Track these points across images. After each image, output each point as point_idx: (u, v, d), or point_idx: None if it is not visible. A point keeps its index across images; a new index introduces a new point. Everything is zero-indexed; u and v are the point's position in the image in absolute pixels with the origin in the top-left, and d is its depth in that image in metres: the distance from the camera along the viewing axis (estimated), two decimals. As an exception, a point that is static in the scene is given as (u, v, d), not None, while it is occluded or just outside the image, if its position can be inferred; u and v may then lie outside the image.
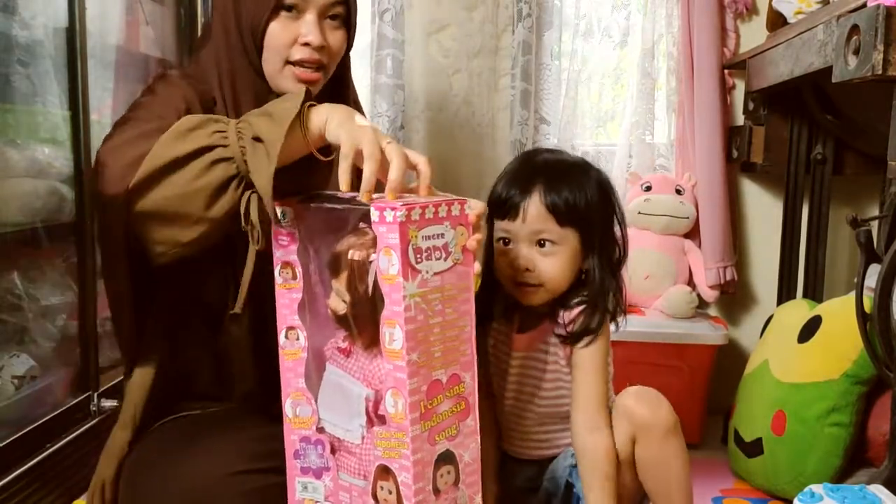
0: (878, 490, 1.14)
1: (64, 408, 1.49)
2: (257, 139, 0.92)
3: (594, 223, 1.13)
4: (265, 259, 0.97)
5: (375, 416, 0.90)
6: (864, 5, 1.21)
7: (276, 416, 1.14)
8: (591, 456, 1.11)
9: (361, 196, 0.86)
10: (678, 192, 2.03)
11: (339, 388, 0.95)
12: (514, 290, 1.15)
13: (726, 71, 2.06)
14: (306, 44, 1.11)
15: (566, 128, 2.09)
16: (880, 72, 1.12)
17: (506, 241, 1.14)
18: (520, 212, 1.12)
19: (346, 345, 0.95)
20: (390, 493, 0.88)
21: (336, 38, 1.16)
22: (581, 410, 1.12)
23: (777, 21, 1.91)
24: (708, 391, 1.93)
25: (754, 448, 1.64)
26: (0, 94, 1.37)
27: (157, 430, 1.14)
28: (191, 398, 1.17)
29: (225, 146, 0.92)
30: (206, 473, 1.03)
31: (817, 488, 1.14)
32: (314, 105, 0.96)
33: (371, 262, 0.87)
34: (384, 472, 0.88)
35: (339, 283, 0.92)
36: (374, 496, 0.90)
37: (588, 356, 1.12)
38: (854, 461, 1.53)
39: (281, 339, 0.97)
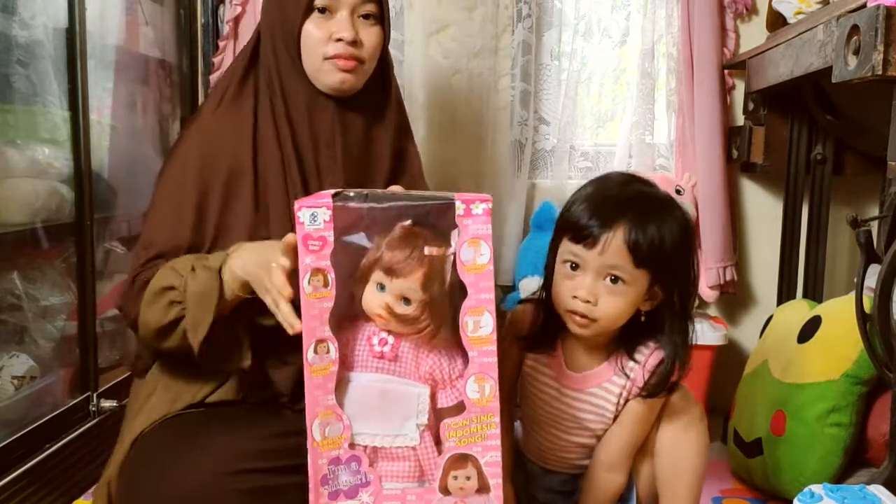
0: (878, 490, 1.14)
1: (64, 408, 1.49)
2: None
3: (670, 268, 1.07)
4: None
5: (434, 411, 0.93)
6: (864, 5, 1.21)
7: (279, 410, 1.15)
8: (601, 493, 1.13)
9: (287, 327, 0.95)
10: (678, 192, 2.02)
11: (384, 395, 0.93)
12: (564, 316, 1.10)
13: (726, 71, 2.05)
14: (339, 39, 1.16)
15: (566, 128, 2.09)
16: (880, 72, 1.12)
17: (574, 266, 1.07)
18: (599, 242, 1.04)
19: (391, 348, 0.94)
20: (468, 478, 0.90)
21: (370, 34, 1.20)
22: (607, 452, 1.12)
23: (777, 21, 1.91)
24: (707, 391, 1.93)
25: (754, 448, 1.64)
26: (0, 94, 1.37)
27: (156, 428, 1.14)
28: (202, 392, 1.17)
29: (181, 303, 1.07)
30: (203, 472, 1.03)
31: (817, 488, 1.14)
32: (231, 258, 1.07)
33: (448, 255, 0.90)
34: (459, 460, 0.90)
35: (410, 282, 0.91)
36: (445, 490, 0.91)
37: (641, 409, 1.11)
38: (854, 461, 1.53)
39: (309, 354, 0.90)
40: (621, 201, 1.08)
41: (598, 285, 1.06)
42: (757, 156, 2.00)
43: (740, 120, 2.06)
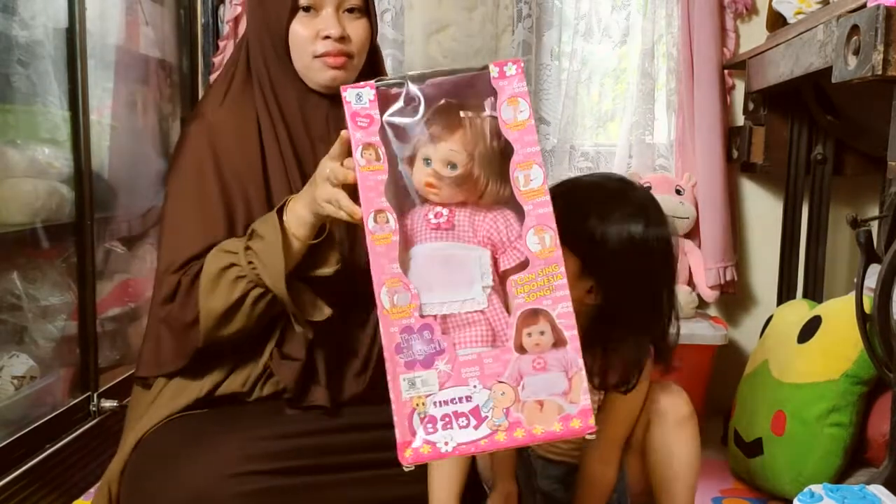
0: (878, 490, 1.14)
1: (64, 408, 1.49)
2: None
3: (606, 267, 1.06)
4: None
5: (498, 274, 0.93)
6: (864, 5, 1.21)
7: (282, 410, 1.14)
8: (593, 485, 1.12)
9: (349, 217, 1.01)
10: (678, 192, 2.03)
11: (446, 261, 0.94)
12: None
13: (726, 71, 2.05)
14: (327, 37, 1.17)
15: (566, 128, 2.09)
16: (880, 72, 1.12)
17: None
18: None
19: (447, 217, 0.95)
20: (542, 333, 0.89)
21: (357, 28, 1.20)
22: (594, 443, 1.11)
23: (777, 21, 1.91)
24: (708, 391, 1.93)
25: (754, 448, 1.64)
26: (0, 94, 1.37)
27: (159, 430, 1.14)
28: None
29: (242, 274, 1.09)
30: (206, 474, 1.03)
31: (817, 488, 1.14)
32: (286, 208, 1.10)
33: (485, 116, 0.93)
34: (531, 316, 0.90)
35: (451, 144, 0.93)
36: (520, 348, 0.90)
37: (614, 401, 1.10)
38: (854, 461, 1.53)
39: (370, 223, 0.91)
40: (584, 182, 1.12)
41: None
42: (757, 156, 2.00)
43: (740, 120, 2.06)
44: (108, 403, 1.58)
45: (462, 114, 0.94)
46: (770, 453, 1.58)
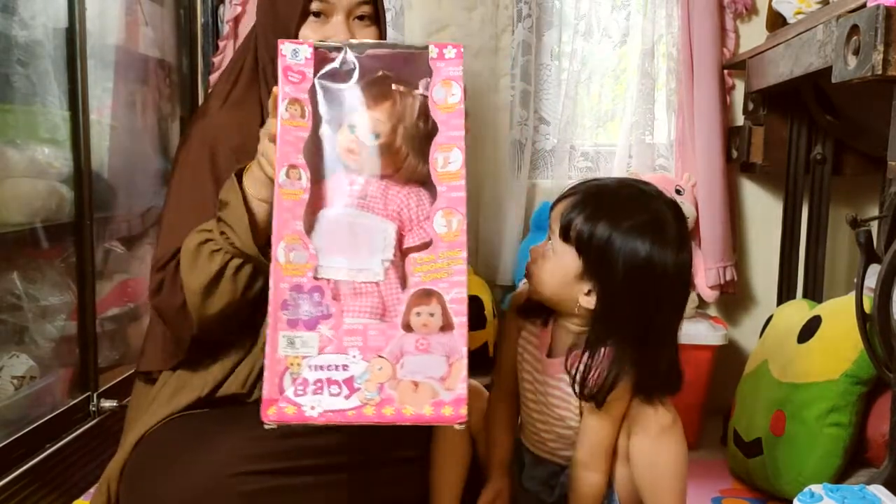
0: (878, 490, 1.14)
1: (64, 408, 1.49)
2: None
3: (611, 274, 1.05)
4: None
5: (400, 250, 0.93)
6: (864, 5, 1.21)
7: None
8: (579, 492, 1.11)
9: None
10: (678, 192, 2.02)
11: (351, 228, 0.94)
12: None
13: (726, 71, 2.05)
14: None
15: (566, 128, 2.09)
16: (880, 72, 1.12)
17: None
18: (556, 205, 1.11)
19: (361, 185, 0.95)
20: (431, 315, 0.90)
21: (366, 36, 1.21)
22: (581, 447, 1.11)
23: (777, 21, 1.91)
24: (707, 391, 1.92)
25: (753, 448, 1.64)
26: (0, 94, 1.37)
27: (159, 429, 1.14)
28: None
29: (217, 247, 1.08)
30: (206, 474, 1.03)
31: (817, 488, 1.14)
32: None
33: (416, 93, 0.95)
34: (424, 296, 0.90)
35: (377, 113, 0.95)
36: (407, 327, 0.90)
37: (595, 408, 1.09)
38: (854, 461, 1.53)
39: (280, 177, 0.92)
40: (600, 183, 1.11)
41: (543, 246, 1.12)
42: (757, 156, 2.00)
43: (740, 120, 2.06)
44: (107, 403, 1.58)
45: (394, 87, 0.95)
46: (770, 453, 1.58)
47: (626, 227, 1.04)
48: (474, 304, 1.90)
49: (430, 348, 0.90)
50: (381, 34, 1.23)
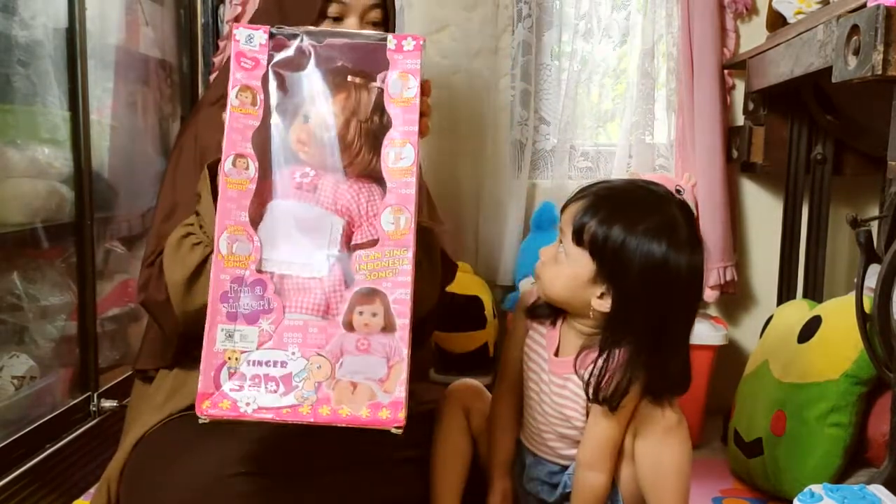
0: (878, 490, 1.14)
1: (64, 408, 1.49)
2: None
3: (626, 277, 1.04)
4: None
5: (348, 247, 0.91)
6: (864, 5, 1.21)
7: None
8: (583, 493, 1.11)
9: None
10: (678, 192, 2.02)
11: (298, 222, 0.92)
12: None
13: (726, 71, 2.05)
14: None
15: (566, 128, 2.09)
16: (880, 72, 1.12)
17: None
18: (566, 208, 1.10)
19: (311, 178, 0.93)
20: (374, 315, 0.88)
21: None
22: (588, 448, 1.11)
23: (777, 21, 1.91)
24: (708, 391, 1.92)
25: (754, 448, 1.64)
26: (0, 94, 1.37)
27: (158, 430, 1.15)
28: None
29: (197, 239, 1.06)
30: (207, 474, 1.03)
31: (817, 488, 1.14)
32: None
33: (372, 86, 0.92)
34: (367, 296, 0.88)
35: (330, 105, 0.92)
36: (349, 325, 0.88)
37: (603, 409, 1.09)
38: (854, 461, 1.53)
39: (227, 165, 0.90)
40: (620, 189, 1.10)
41: (554, 249, 1.11)
42: (757, 156, 2.00)
43: (740, 120, 2.06)
44: (108, 403, 1.58)
45: (350, 78, 0.93)
46: (770, 453, 1.58)
47: (642, 230, 1.04)
48: (474, 303, 1.90)
49: (370, 349, 0.88)
50: None
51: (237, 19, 1.99)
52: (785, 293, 2.02)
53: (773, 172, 2.03)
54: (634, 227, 1.04)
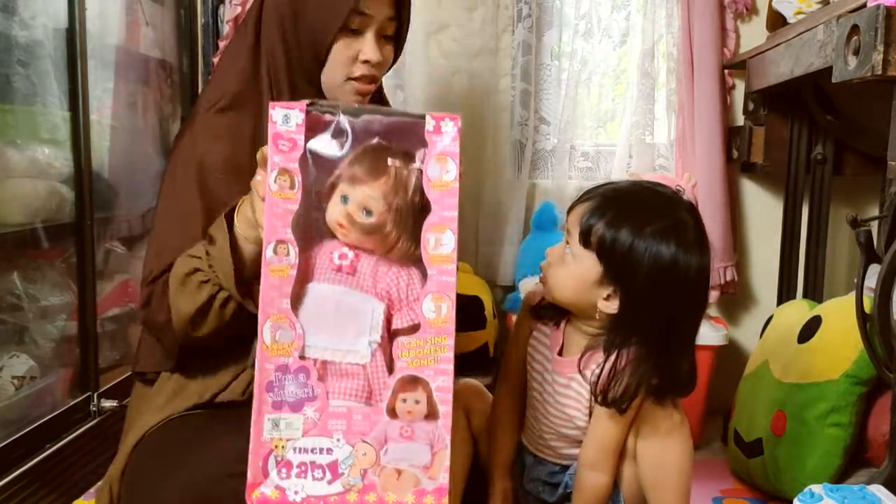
0: (878, 490, 1.14)
1: (64, 408, 1.49)
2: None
3: (633, 279, 1.04)
4: None
5: (388, 331, 0.91)
6: (864, 5, 1.21)
7: None
8: (585, 493, 1.11)
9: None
10: (678, 192, 2.02)
11: (339, 307, 0.91)
12: None
13: (726, 71, 2.05)
14: (366, 61, 1.17)
15: (566, 128, 2.09)
16: (880, 72, 1.12)
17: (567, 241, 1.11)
18: (573, 210, 1.09)
19: (350, 261, 0.92)
20: (417, 402, 0.88)
21: (387, 52, 1.22)
22: (590, 448, 1.11)
23: (777, 21, 1.91)
24: (708, 391, 1.92)
25: (754, 448, 1.64)
26: (0, 94, 1.37)
27: (159, 430, 1.14)
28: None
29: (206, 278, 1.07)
30: (207, 474, 1.03)
31: (817, 488, 1.14)
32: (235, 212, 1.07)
33: (412, 168, 0.90)
34: (410, 383, 0.88)
35: (371, 190, 0.91)
36: (392, 412, 0.89)
37: (606, 410, 1.08)
38: (854, 461, 1.53)
39: (268, 253, 0.89)
40: (618, 187, 1.10)
41: (560, 250, 1.10)
42: (757, 156, 2.00)
43: (740, 120, 2.06)
44: (108, 403, 1.58)
45: (389, 161, 0.91)
46: (770, 453, 1.58)
47: (650, 232, 1.04)
48: (474, 304, 1.89)
49: (414, 436, 0.88)
50: (397, 52, 1.24)
51: (237, 19, 1.99)
52: (785, 293, 2.02)
53: (773, 172, 2.03)
54: (643, 229, 1.04)
